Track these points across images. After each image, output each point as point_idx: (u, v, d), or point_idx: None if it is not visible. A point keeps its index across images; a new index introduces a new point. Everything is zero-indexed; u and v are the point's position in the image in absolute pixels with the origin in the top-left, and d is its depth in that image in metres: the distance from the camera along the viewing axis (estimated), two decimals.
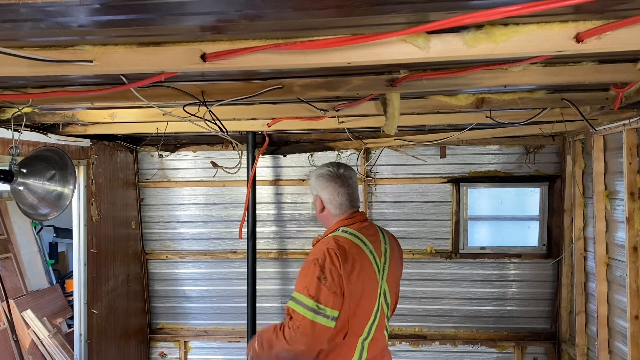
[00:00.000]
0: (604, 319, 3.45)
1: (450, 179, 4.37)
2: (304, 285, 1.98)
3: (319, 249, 2.06)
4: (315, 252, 2.06)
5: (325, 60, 1.48)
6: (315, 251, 2.07)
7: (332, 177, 2.22)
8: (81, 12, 1.23)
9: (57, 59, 1.49)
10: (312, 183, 2.31)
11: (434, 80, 1.98)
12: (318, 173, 2.27)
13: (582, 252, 3.90)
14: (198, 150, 4.54)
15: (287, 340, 1.97)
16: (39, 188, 2.51)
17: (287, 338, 1.97)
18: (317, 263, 1.98)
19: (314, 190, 2.28)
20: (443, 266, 4.47)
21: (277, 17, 1.30)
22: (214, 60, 1.48)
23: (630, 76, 1.94)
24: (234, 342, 4.76)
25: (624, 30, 1.32)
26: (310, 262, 2.02)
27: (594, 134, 3.37)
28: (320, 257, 2.00)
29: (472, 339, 4.55)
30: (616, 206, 3.28)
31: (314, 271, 1.97)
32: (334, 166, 2.28)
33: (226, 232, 4.61)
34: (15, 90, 2.20)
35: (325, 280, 1.95)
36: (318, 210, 2.29)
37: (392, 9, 1.25)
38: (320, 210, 2.27)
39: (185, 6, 1.22)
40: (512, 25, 1.36)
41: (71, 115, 3.00)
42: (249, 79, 2.17)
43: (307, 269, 2.01)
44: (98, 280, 3.95)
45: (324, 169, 2.28)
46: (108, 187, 4.09)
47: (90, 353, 3.86)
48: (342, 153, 4.44)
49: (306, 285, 1.97)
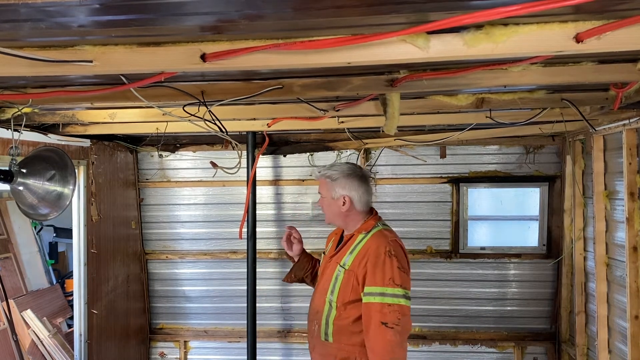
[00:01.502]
0: (604, 319, 3.45)
1: (450, 179, 4.37)
2: (389, 277, 2.14)
3: (379, 243, 2.22)
4: (378, 246, 2.21)
5: (325, 60, 1.48)
6: (377, 246, 2.21)
7: (362, 177, 2.36)
8: (81, 12, 1.23)
9: (57, 59, 1.49)
10: (340, 183, 2.33)
11: (434, 80, 1.98)
12: (347, 173, 2.33)
13: (582, 252, 3.90)
14: (198, 151, 4.54)
15: (400, 334, 2.10)
16: (39, 188, 2.51)
17: (400, 332, 2.10)
18: (391, 255, 2.18)
19: (343, 190, 2.33)
20: (443, 266, 4.47)
21: (277, 17, 1.30)
22: (214, 60, 1.48)
23: (630, 76, 1.94)
24: (234, 342, 4.76)
25: (624, 30, 1.32)
26: (383, 256, 2.17)
27: (594, 134, 3.37)
28: (392, 249, 2.20)
29: (472, 339, 4.55)
30: (616, 206, 3.28)
31: (392, 263, 2.17)
32: (355, 166, 2.42)
33: (226, 232, 4.61)
34: (15, 90, 2.20)
35: (403, 268, 2.19)
36: (344, 210, 2.34)
37: (392, 9, 1.25)
38: (347, 210, 2.34)
39: (185, 6, 1.22)
40: (512, 25, 1.36)
41: (71, 115, 2.99)
42: (249, 79, 2.17)
43: (384, 263, 2.16)
44: (98, 280, 3.95)
45: (349, 169, 2.35)
46: (108, 187, 4.09)
47: (90, 353, 3.86)
48: (342, 153, 4.44)
49: (391, 277, 2.15)
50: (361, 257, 2.25)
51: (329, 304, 2.33)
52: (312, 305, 2.49)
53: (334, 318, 2.31)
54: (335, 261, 2.38)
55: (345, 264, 2.30)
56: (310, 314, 2.50)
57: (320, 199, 2.44)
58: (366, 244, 2.28)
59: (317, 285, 2.52)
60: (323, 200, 2.42)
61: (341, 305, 2.28)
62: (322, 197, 2.42)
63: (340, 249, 2.40)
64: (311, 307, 2.50)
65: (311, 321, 2.47)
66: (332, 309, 2.32)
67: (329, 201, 2.38)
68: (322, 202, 2.43)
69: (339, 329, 2.30)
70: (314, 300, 2.49)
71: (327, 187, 2.38)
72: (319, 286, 2.47)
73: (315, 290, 2.51)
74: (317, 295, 2.46)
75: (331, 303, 2.33)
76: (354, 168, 2.39)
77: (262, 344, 4.47)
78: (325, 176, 2.38)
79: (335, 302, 2.31)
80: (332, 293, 2.32)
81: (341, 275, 2.30)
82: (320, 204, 2.45)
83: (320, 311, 2.38)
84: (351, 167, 2.39)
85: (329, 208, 2.40)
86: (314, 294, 2.52)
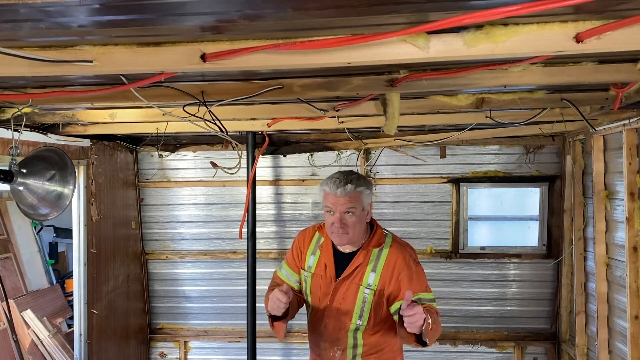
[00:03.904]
0: (604, 319, 3.45)
1: (450, 179, 4.37)
2: (425, 285, 2.23)
3: (404, 255, 2.22)
4: (405, 258, 2.21)
5: (325, 60, 1.48)
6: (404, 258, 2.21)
7: None
8: (81, 12, 1.23)
9: (57, 59, 1.49)
10: (367, 195, 2.18)
11: (434, 81, 1.98)
12: (368, 184, 2.20)
13: (582, 252, 3.90)
14: (198, 150, 4.54)
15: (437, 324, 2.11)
16: (39, 188, 2.51)
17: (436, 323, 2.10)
18: (417, 263, 2.25)
19: (368, 200, 2.20)
20: (443, 266, 4.47)
21: (277, 17, 1.30)
22: (214, 61, 1.48)
23: (630, 76, 1.94)
24: (234, 342, 4.76)
25: (624, 30, 1.32)
26: (413, 267, 2.21)
27: (594, 134, 3.37)
28: (416, 257, 2.26)
29: (472, 339, 4.55)
30: (616, 206, 3.28)
31: (422, 270, 2.26)
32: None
33: (226, 232, 4.61)
34: (15, 90, 2.20)
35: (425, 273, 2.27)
36: (367, 218, 2.23)
37: (392, 9, 1.25)
38: (369, 217, 2.26)
39: (185, 6, 1.21)
40: (512, 25, 1.36)
41: (71, 115, 2.99)
42: (249, 79, 2.17)
43: (417, 273, 2.21)
44: (98, 280, 3.95)
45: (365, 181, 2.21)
46: (108, 187, 4.09)
47: (90, 353, 3.86)
48: (342, 153, 4.44)
49: (425, 285, 2.24)
50: (390, 273, 2.16)
51: (355, 329, 2.23)
52: (327, 332, 2.28)
53: (362, 339, 2.25)
54: (354, 283, 2.20)
55: (372, 285, 2.18)
56: (324, 340, 2.30)
57: (350, 216, 2.13)
58: (389, 258, 2.18)
59: (322, 309, 2.28)
60: (353, 217, 2.14)
61: (373, 326, 2.24)
62: (353, 214, 2.13)
63: (356, 269, 2.20)
64: (325, 335, 2.29)
65: (328, 348, 2.30)
66: (359, 331, 2.24)
67: (360, 214, 2.15)
68: (352, 218, 2.13)
69: (370, 349, 2.27)
70: (327, 326, 2.27)
71: (362, 200, 2.16)
72: (331, 311, 2.25)
73: (325, 315, 2.27)
74: (332, 321, 2.26)
75: (359, 327, 2.23)
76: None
77: (262, 344, 4.47)
78: (360, 190, 2.15)
79: (365, 325, 2.23)
80: (362, 318, 2.21)
81: (369, 297, 2.18)
82: (348, 221, 2.13)
83: (343, 337, 2.25)
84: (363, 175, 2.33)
85: (359, 223, 2.17)
86: (322, 318, 2.28)
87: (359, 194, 2.14)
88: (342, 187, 2.11)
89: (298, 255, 2.38)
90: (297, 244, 2.42)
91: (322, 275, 2.27)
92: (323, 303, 2.27)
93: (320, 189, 2.22)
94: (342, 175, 2.16)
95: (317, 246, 2.33)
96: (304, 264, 2.35)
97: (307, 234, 2.41)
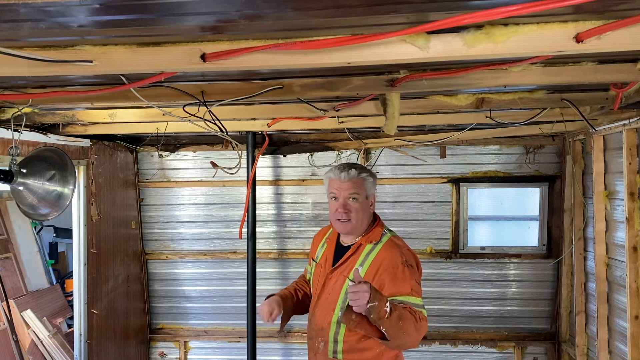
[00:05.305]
0: (604, 319, 3.45)
1: (450, 179, 4.37)
2: (410, 287, 2.08)
3: (394, 254, 2.14)
4: (393, 257, 2.13)
5: (325, 60, 1.48)
6: (392, 257, 2.13)
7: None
8: (81, 12, 1.23)
9: (57, 59, 1.49)
10: (372, 181, 2.26)
11: (434, 81, 1.98)
12: (372, 173, 2.28)
13: (582, 252, 3.90)
14: (198, 151, 4.54)
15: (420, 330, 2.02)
16: (39, 188, 2.51)
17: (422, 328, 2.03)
18: (411, 266, 2.13)
19: (373, 187, 2.28)
20: (443, 266, 4.47)
21: (277, 17, 1.30)
22: (214, 60, 1.48)
23: (630, 76, 1.94)
24: (234, 342, 4.76)
25: (624, 30, 1.32)
26: (401, 267, 2.10)
27: (594, 134, 3.37)
28: (407, 259, 2.14)
29: (472, 339, 4.55)
30: (616, 206, 3.28)
31: (412, 273, 2.12)
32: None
33: (226, 232, 4.61)
34: (15, 90, 2.20)
35: (419, 280, 2.15)
36: (371, 210, 2.28)
37: (392, 9, 1.25)
38: (372, 209, 2.30)
39: (185, 6, 1.22)
40: (512, 25, 1.36)
41: (71, 115, 2.99)
42: (248, 79, 2.17)
43: (403, 274, 2.09)
44: (98, 280, 3.95)
45: (368, 170, 2.29)
46: (108, 187, 4.09)
47: (90, 353, 3.86)
48: (342, 153, 4.44)
49: (412, 287, 2.08)
50: (375, 270, 2.13)
51: (337, 322, 2.19)
52: (314, 320, 2.31)
53: (344, 335, 2.19)
54: (342, 274, 2.22)
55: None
56: (312, 329, 2.33)
57: (353, 202, 2.20)
58: (379, 255, 2.17)
59: (316, 299, 2.33)
60: (357, 203, 2.21)
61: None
62: (356, 200, 2.20)
63: (346, 260, 2.24)
64: (313, 323, 2.32)
65: (314, 337, 2.30)
66: (341, 325, 2.18)
67: (363, 201, 2.21)
68: (355, 204, 2.21)
69: (350, 347, 2.19)
70: (315, 315, 2.31)
71: (365, 187, 2.23)
72: (320, 301, 2.29)
73: (316, 305, 2.32)
74: (320, 311, 2.28)
75: (340, 319, 2.18)
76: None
77: (262, 344, 4.47)
78: (363, 177, 2.22)
79: None
80: (342, 310, 2.15)
81: None
82: (351, 207, 2.20)
83: (326, 328, 2.24)
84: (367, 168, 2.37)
85: (362, 210, 2.22)
86: (313, 308, 2.34)
87: (362, 180, 2.23)
88: (347, 171, 2.21)
89: (312, 249, 2.53)
90: (314, 238, 2.58)
91: (322, 265, 2.36)
92: (317, 292, 2.34)
93: (325, 178, 2.33)
94: (346, 163, 2.30)
95: (326, 239, 2.45)
96: (315, 255, 2.48)
97: (324, 229, 2.56)
